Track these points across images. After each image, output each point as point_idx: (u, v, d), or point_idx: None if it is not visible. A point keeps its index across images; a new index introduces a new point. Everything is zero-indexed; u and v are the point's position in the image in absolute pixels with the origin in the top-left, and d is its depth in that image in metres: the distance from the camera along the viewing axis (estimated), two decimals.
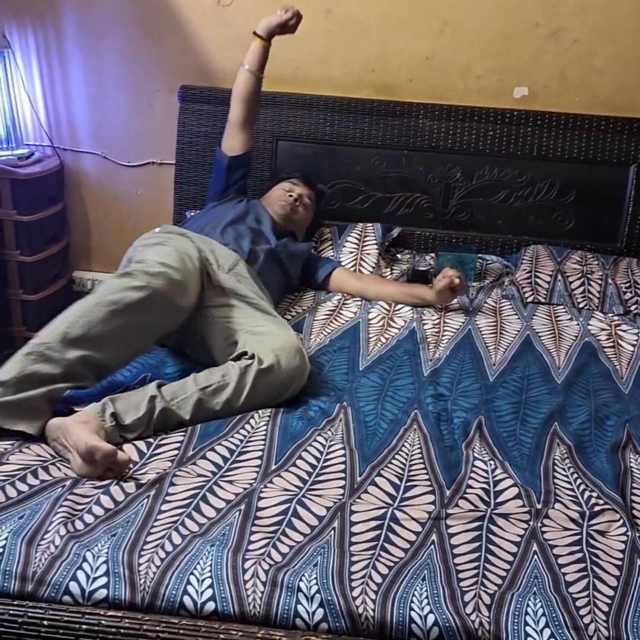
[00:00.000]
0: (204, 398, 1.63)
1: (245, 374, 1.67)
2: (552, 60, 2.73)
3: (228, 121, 2.49)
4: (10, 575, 1.17)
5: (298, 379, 1.74)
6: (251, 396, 1.67)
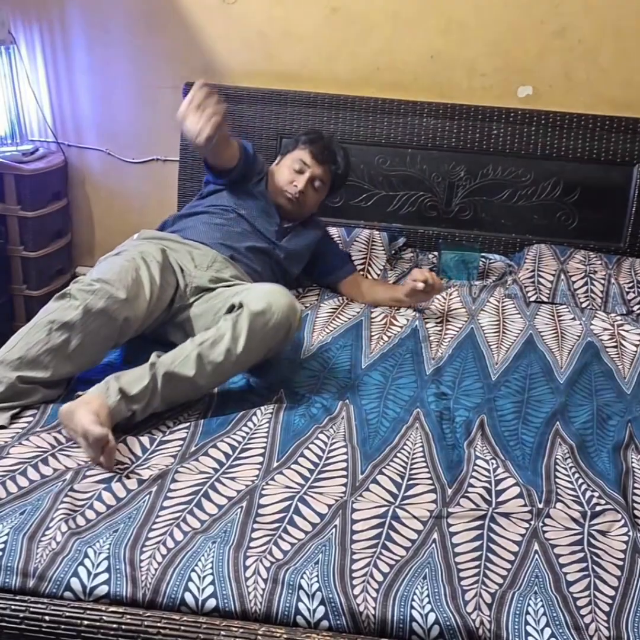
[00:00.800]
0: (204, 352, 1.64)
1: (238, 321, 1.68)
2: (557, 59, 2.73)
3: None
4: (12, 571, 1.17)
5: (292, 317, 1.73)
6: (249, 341, 1.67)
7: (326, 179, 2.29)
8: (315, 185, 2.27)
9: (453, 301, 2.38)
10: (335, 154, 2.30)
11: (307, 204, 2.29)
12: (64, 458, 1.45)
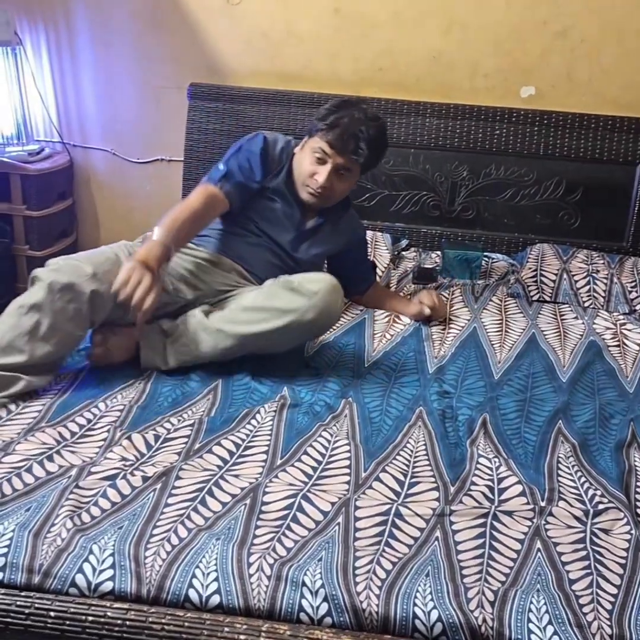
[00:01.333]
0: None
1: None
2: (560, 59, 2.74)
3: None
4: (18, 567, 1.18)
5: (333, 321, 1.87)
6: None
7: (353, 166, 2.01)
8: (340, 174, 2.01)
9: (456, 300, 2.39)
10: (358, 138, 1.95)
11: (333, 195, 2.06)
12: (69, 454, 1.45)
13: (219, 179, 1.96)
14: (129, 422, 1.59)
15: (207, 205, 1.91)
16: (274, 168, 2.05)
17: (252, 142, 2.05)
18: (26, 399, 1.63)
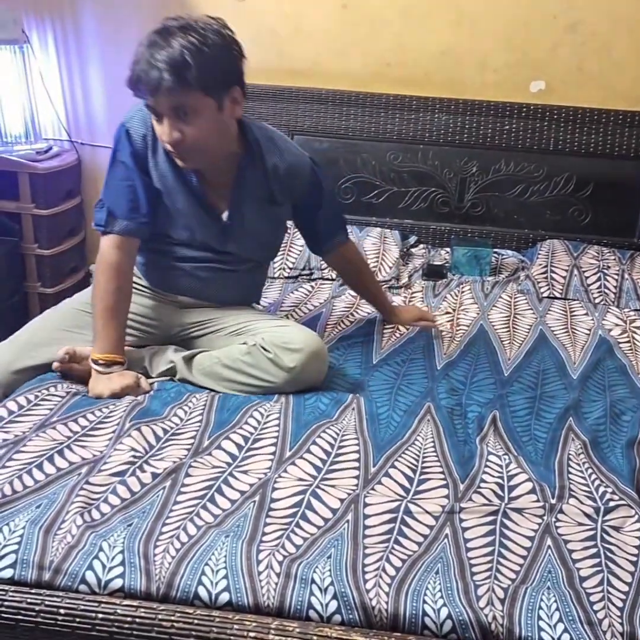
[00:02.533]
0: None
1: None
2: (570, 53, 2.71)
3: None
4: (28, 564, 1.18)
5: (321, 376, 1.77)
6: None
7: (185, 100, 1.56)
8: (184, 119, 1.58)
9: (465, 297, 2.38)
10: (154, 68, 1.53)
11: (198, 145, 1.62)
12: (79, 449, 1.46)
13: (106, 222, 1.73)
14: (136, 414, 1.60)
15: (119, 281, 1.73)
16: (145, 154, 1.74)
17: (119, 152, 1.76)
18: (38, 397, 1.64)
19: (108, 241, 1.75)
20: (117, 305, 1.73)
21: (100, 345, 1.71)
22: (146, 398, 1.68)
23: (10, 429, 1.51)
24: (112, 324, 1.72)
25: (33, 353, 1.75)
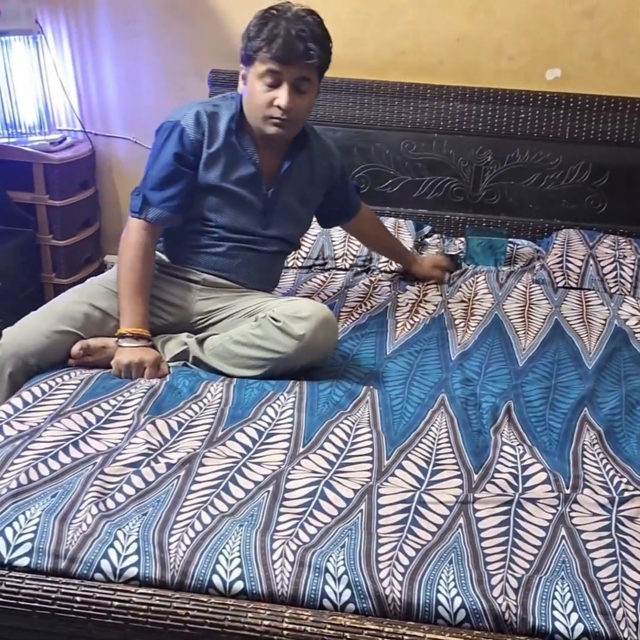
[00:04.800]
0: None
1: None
2: (586, 40, 2.69)
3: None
4: (44, 552, 1.19)
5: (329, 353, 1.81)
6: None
7: (310, 74, 1.80)
8: (302, 89, 1.80)
9: (480, 287, 2.37)
10: (304, 39, 1.74)
11: (300, 117, 1.85)
12: (94, 441, 1.47)
13: (140, 209, 1.84)
14: (151, 407, 1.60)
15: (144, 262, 1.82)
16: (201, 150, 1.85)
17: (166, 148, 1.85)
18: (52, 387, 1.65)
19: (138, 225, 1.85)
20: (142, 282, 1.81)
21: (126, 319, 1.78)
22: (161, 387, 1.68)
23: (26, 419, 1.53)
24: (138, 299, 1.79)
25: (65, 321, 1.78)
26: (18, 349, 1.72)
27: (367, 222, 2.30)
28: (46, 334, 1.73)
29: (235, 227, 1.92)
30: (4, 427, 1.49)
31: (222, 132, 1.86)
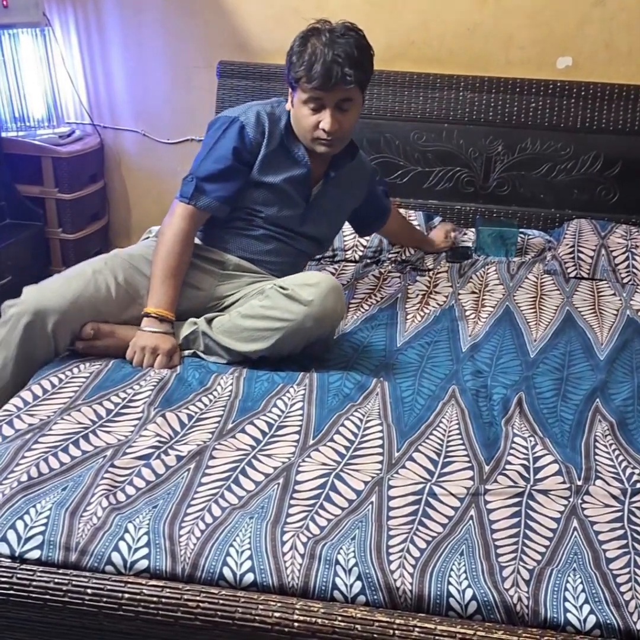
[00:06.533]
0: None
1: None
2: (598, 29, 2.66)
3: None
4: (55, 545, 1.19)
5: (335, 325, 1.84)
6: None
7: (352, 94, 1.86)
8: (344, 108, 1.86)
9: (491, 278, 2.35)
10: (340, 64, 1.78)
11: (346, 133, 1.93)
12: (104, 434, 1.47)
13: (191, 196, 1.87)
14: (161, 400, 1.60)
15: (184, 246, 1.85)
16: (259, 149, 1.91)
17: (224, 140, 1.90)
18: (62, 380, 1.65)
19: (185, 210, 1.87)
20: (179, 266, 1.83)
21: (155, 299, 1.79)
22: (171, 380, 1.68)
23: (36, 412, 1.53)
24: (171, 282, 1.81)
25: (89, 290, 1.78)
26: (38, 305, 1.70)
27: (396, 222, 2.40)
28: (69, 299, 1.73)
29: (276, 221, 1.97)
30: (15, 421, 1.49)
31: (279, 134, 1.93)
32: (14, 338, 1.70)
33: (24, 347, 1.70)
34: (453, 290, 2.25)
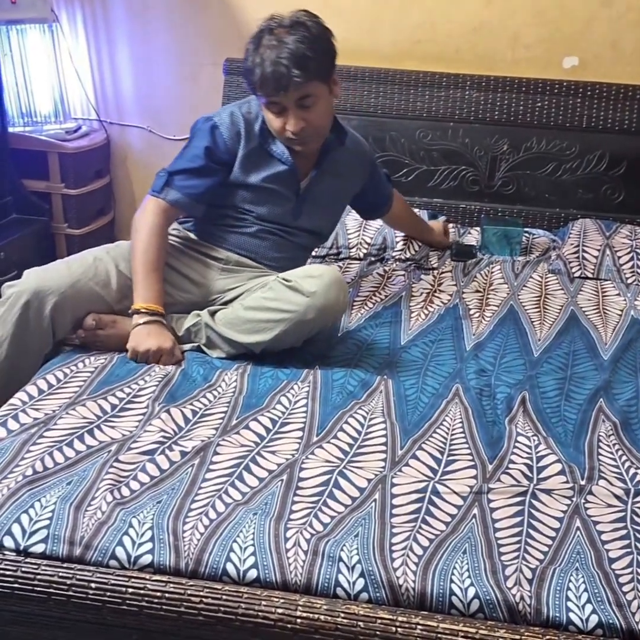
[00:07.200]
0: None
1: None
2: (605, 28, 2.66)
3: None
4: (59, 539, 1.20)
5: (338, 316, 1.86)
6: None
7: (309, 89, 1.79)
8: (306, 105, 1.80)
9: (495, 277, 2.35)
10: (285, 66, 1.73)
11: (318, 126, 1.87)
12: (109, 429, 1.48)
13: (161, 189, 1.87)
14: (166, 396, 1.61)
15: (160, 239, 1.84)
16: (236, 149, 1.90)
17: (197, 141, 1.91)
18: (67, 375, 1.66)
19: (157, 205, 1.87)
20: (158, 259, 1.82)
21: (142, 294, 1.78)
22: (176, 376, 1.69)
23: (41, 406, 1.53)
24: (154, 275, 1.80)
25: (89, 275, 1.79)
26: (37, 287, 1.71)
27: (401, 209, 2.38)
28: (68, 282, 1.74)
29: (268, 218, 1.96)
30: (20, 415, 1.50)
31: (258, 133, 1.91)
32: (11, 317, 1.70)
33: (21, 326, 1.70)
34: (457, 289, 2.25)
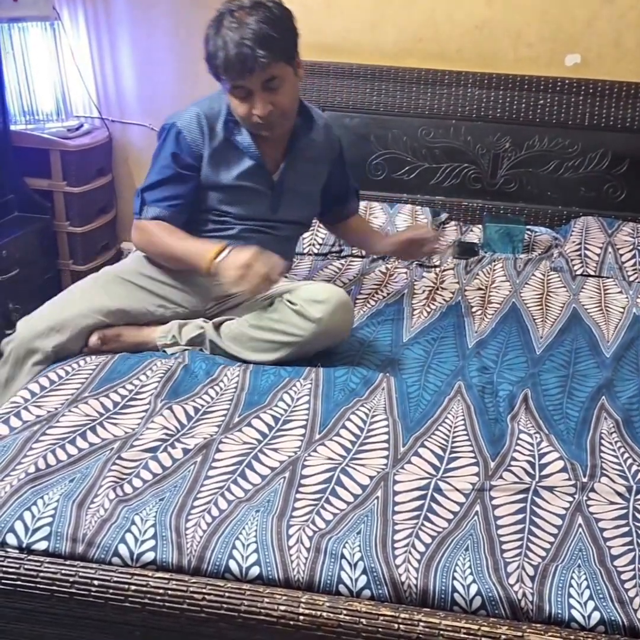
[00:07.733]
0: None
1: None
2: (607, 26, 2.65)
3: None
4: (62, 536, 1.20)
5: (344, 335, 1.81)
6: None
7: (274, 70, 1.74)
8: (273, 87, 1.75)
9: (497, 275, 2.35)
10: (249, 47, 1.67)
11: (284, 109, 1.81)
12: (111, 427, 1.48)
13: (140, 210, 1.87)
14: (168, 392, 1.61)
15: (167, 226, 1.85)
16: (201, 151, 1.86)
17: (163, 150, 1.88)
18: (69, 372, 1.66)
19: (143, 226, 1.87)
20: (182, 231, 1.84)
21: (202, 249, 1.75)
22: (178, 371, 1.69)
23: (43, 404, 1.54)
24: (192, 239, 1.81)
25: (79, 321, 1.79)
26: (30, 344, 1.74)
27: (355, 223, 2.29)
28: (61, 332, 1.75)
29: (246, 216, 1.93)
30: (22, 412, 1.50)
31: (221, 130, 1.87)
32: (22, 375, 1.74)
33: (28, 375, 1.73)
34: (459, 287, 2.25)
